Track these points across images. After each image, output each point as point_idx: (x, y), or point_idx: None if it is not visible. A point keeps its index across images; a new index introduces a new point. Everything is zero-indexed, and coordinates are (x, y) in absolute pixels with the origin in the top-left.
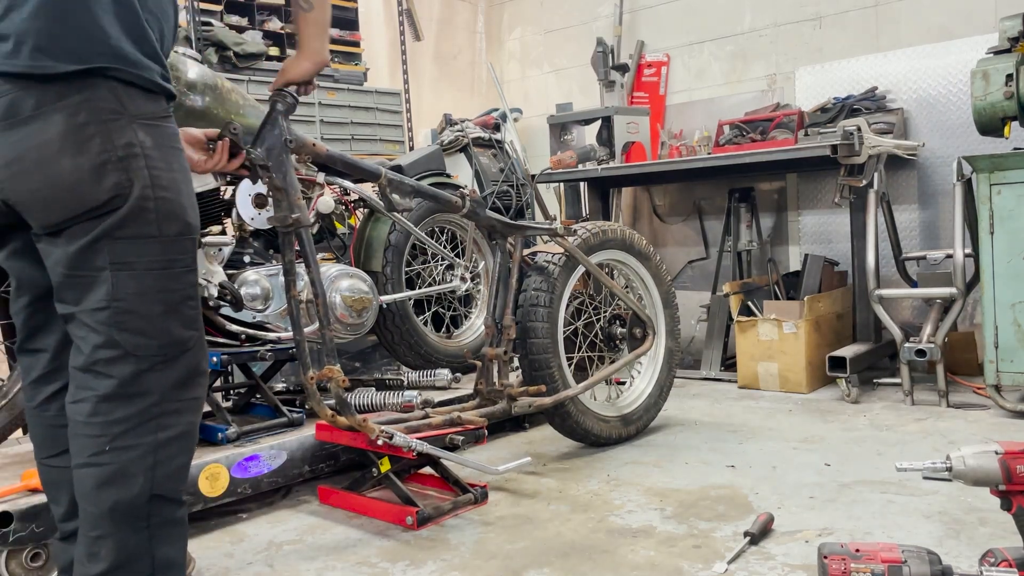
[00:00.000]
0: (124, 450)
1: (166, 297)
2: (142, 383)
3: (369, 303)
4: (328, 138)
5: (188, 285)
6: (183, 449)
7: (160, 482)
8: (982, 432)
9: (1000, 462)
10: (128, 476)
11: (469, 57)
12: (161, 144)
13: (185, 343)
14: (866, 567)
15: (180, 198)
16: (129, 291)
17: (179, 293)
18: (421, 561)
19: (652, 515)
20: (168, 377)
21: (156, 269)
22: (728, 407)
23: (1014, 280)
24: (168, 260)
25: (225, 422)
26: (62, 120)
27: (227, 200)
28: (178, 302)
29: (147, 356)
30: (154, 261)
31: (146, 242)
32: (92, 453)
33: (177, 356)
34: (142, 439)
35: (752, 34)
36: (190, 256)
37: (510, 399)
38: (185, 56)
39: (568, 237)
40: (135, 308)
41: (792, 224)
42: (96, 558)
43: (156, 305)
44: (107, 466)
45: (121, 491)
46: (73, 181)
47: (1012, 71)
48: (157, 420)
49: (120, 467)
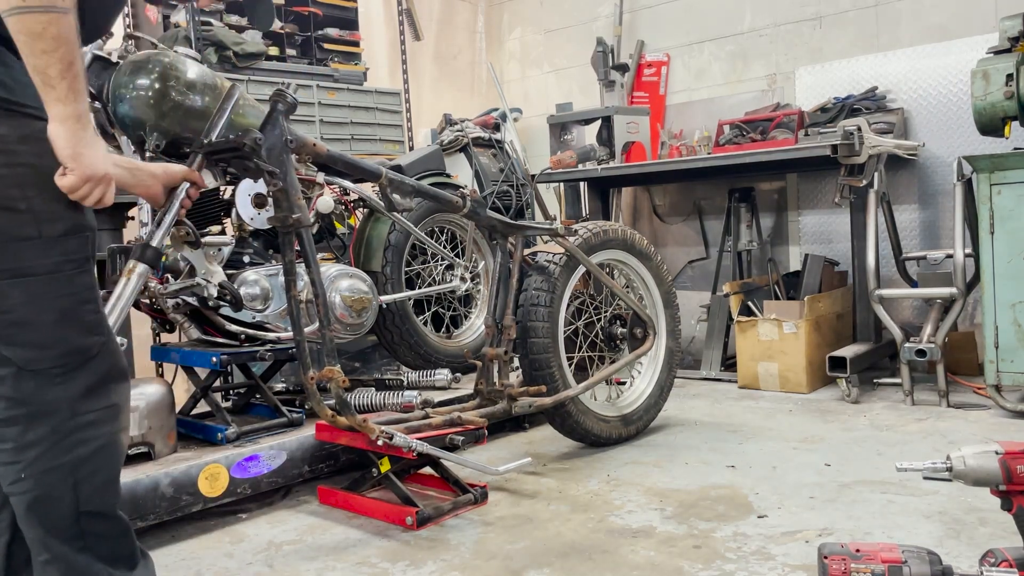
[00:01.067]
0: (43, 474)
1: (58, 304)
2: (45, 400)
3: (369, 303)
4: (328, 138)
5: (83, 288)
6: (108, 462)
7: (87, 499)
8: (982, 432)
9: (1000, 462)
10: (51, 500)
11: (469, 57)
12: (29, 137)
13: (87, 350)
14: (866, 567)
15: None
16: (14, 301)
17: (73, 297)
18: (421, 561)
19: (652, 515)
20: (74, 389)
21: (42, 274)
22: (728, 407)
23: (1014, 280)
24: (55, 263)
25: (225, 422)
26: None
27: (227, 200)
28: (73, 307)
29: (45, 370)
30: (38, 265)
31: (24, 245)
32: (11, 481)
33: (80, 365)
34: (59, 459)
35: (752, 34)
36: (82, 256)
37: (510, 399)
38: (185, 56)
39: (569, 237)
40: (24, 319)
41: (792, 224)
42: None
43: (48, 313)
44: (28, 493)
45: (48, 514)
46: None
47: (1012, 71)
48: (72, 435)
49: (42, 492)
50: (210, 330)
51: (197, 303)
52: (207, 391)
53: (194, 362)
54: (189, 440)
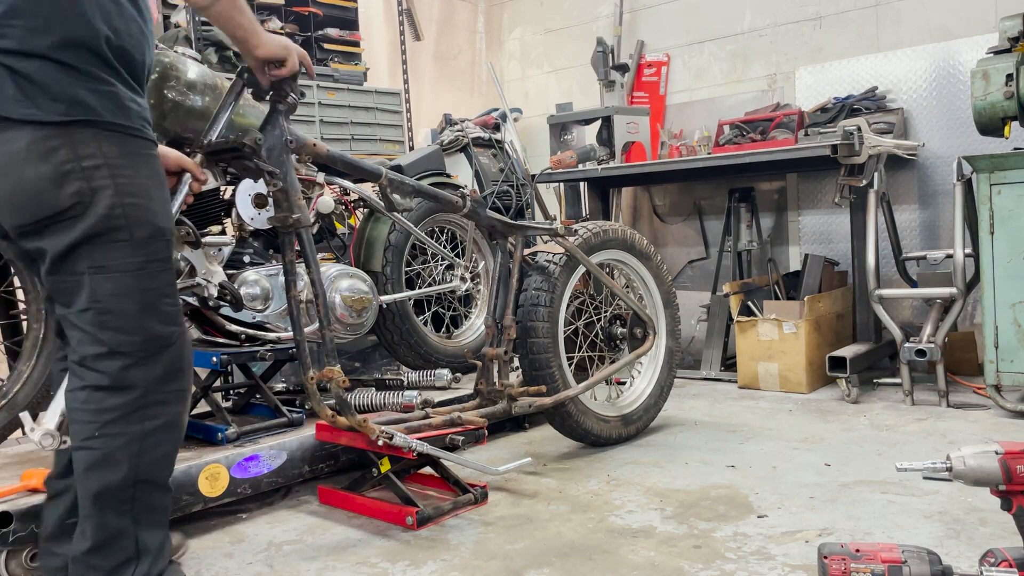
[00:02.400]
0: (111, 437)
1: (142, 297)
2: (128, 377)
3: (369, 303)
4: (328, 138)
5: (164, 284)
6: (169, 438)
7: (145, 468)
8: (982, 432)
9: (1000, 462)
10: (114, 462)
11: (469, 57)
12: (128, 152)
13: (166, 339)
14: (866, 567)
15: (150, 203)
16: (106, 292)
17: (155, 292)
18: (421, 561)
19: (652, 515)
20: (152, 371)
21: (130, 271)
22: (728, 407)
23: (1014, 280)
24: (141, 262)
25: (225, 422)
26: (30, 131)
27: (227, 200)
28: (155, 300)
29: (131, 352)
30: (127, 263)
31: (118, 246)
32: (84, 438)
33: (158, 351)
34: (129, 428)
35: (752, 34)
36: (164, 256)
37: (510, 399)
38: (185, 56)
39: (569, 237)
40: (113, 308)
41: (792, 224)
42: (83, 537)
43: (133, 305)
44: (96, 451)
45: (106, 475)
46: (36, 188)
47: (1012, 71)
48: (143, 411)
49: (107, 453)
50: (210, 330)
51: (197, 303)
52: (207, 391)
53: (194, 362)
54: (189, 440)
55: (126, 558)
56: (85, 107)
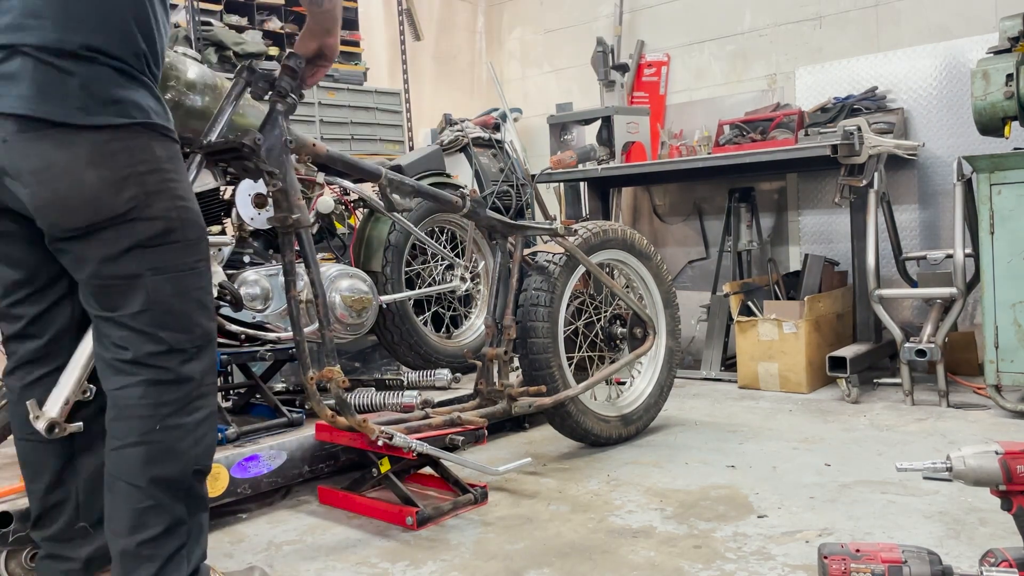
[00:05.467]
0: (172, 429)
1: (196, 295)
2: (186, 371)
3: (369, 303)
4: (328, 138)
5: (208, 281)
6: (212, 427)
7: (199, 457)
8: (982, 432)
9: (1000, 462)
10: (177, 453)
11: (469, 57)
12: (173, 156)
13: (212, 333)
14: (866, 567)
15: (194, 205)
16: (167, 294)
17: (204, 290)
18: (421, 561)
19: (652, 515)
20: (203, 364)
21: (185, 271)
22: (728, 407)
23: (1014, 280)
24: (194, 262)
25: (225, 422)
26: (89, 135)
27: (227, 200)
28: (205, 298)
29: (188, 348)
30: (183, 264)
31: (174, 248)
32: (143, 432)
33: (206, 345)
34: (184, 419)
35: (752, 34)
36: (208, 255)
37: (510, 399)
38: (185, 56)
39: (569, 237)
40: (174, 308)
41: (792, 224)
42: (145, 526)
43: (190, 304)
44: (157, 444)
45: (168, 467)
46: (95, 192)
47: (1012, 71)
48: (194, 402)
49: (168, 445)
50: None
51: None
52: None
53: None
54: None
55: (180, 544)
56: (140, 110)
